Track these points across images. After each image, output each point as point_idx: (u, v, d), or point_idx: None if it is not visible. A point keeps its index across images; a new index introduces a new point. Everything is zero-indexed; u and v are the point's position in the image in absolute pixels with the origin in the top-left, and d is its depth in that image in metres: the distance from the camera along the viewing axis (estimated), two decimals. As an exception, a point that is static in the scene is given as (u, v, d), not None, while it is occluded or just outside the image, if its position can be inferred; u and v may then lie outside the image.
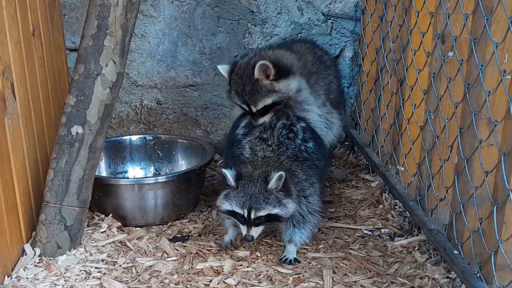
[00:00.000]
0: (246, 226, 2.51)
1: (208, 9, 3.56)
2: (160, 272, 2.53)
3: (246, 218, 2.49)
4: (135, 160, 3.36)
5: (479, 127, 2.16)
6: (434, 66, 2.55)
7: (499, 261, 2.06)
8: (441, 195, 2.54)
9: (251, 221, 2.49)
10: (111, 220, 2.89)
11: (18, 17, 2.49)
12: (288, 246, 2.65)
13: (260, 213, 2.49)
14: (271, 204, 2.49)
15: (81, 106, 2.51)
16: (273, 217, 2.53)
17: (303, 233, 2.65)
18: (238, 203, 2.50)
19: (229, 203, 2.53)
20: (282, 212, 2.52)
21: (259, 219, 2.50)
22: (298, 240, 2.65)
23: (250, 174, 2.53)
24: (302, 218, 2.63)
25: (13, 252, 2.44)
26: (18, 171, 2.44)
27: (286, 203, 2.52)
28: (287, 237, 2.65)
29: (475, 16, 2.19)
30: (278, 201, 2.50)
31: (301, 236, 2.65)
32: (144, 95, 3.70)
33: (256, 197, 2.49)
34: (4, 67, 2.32)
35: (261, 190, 2.49)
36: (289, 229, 2.64)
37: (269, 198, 2.49)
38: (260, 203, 2.48)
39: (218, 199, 2.59)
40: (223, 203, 2.56)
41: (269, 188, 2.48)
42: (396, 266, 2.56)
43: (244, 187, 2.50)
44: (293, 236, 2.64)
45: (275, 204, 2.50)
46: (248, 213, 2.48)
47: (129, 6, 2.48)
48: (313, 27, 3.64)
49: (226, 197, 2.55)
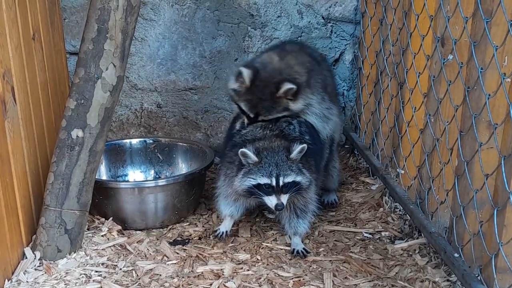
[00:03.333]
0: (275, 195, 2.54)
1: (208, 12, 3.56)
2: (160, 275, 2.52)
3: (275, 186, 2.53)
4: (136, 164, 3.37)
5: (479, 130, 2.17)
6: (434, 69, 2.55)
7: (500, 264, 2.06)
8: (441, 198, 2.54)
9: (279, 188, 2.54)
10: (111, 223, 2.89)
11: (19, 20, 2.49)
12: (294, 239, 2.75)
13: (287, 179, 2.54)
14: (295, 172, 2.56)
15: (81, 110, 2.52)
16: (296, 186, 2.58)
17: (305, 223, 2.75)
18: (264, 174, 2.53)
19: (253, 177, 2.55)
20: (303, 180, 2.59)
21: (286, 186, 2.55)
22: (302, 231, 2.76)
23: (269, 146, 2.59)
24: (304, 208, 2.72)
25: (13, 255, 2.44)
26: (18, 175, 2.44)
27: (305, 173, 2.60)
28: (292, 229, 2.75)
29: (475, 19, 2.19)
30: (300, 170, 2.58)
31: (304, 227, 2.75)
32: (144, 98, 3.71)
33: (281, 165, 2.54)
34: (5, 71, 2.32)
35: (284, 159, 2.55)
36: (293, 221, 2.73)
37: (292, 166, 2.56)
38: (286, 170, 2.54)
39: (236, 180, 2.60)
40: (244, 181, 2.57)
41: (292, 158, 2.55)
42: (396, 269, 2.56)
43: (267, 158, 2.55)
44: (298, 228, 2.74)
45: (298, 172, 2.57)
46: (277, 180, 2.52)
47: (129, 9, 2.48)
48: (313, 30, 3.64)
49: (246, 175, 2.57)
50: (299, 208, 2.72)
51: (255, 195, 2.58)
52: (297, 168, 2.57)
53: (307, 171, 2.61)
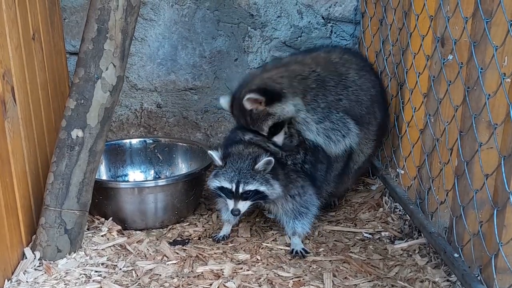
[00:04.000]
0: (233, 200, 2.59)
1: (208, 12, 3.56)
2: (160, 275, 2.52)
3: (234, 192, 2.57)
4: (135, 164, 3.37)
5: (479, 130, 2.17)
6: (434, 69, 2.56)
7: (500, 264, 2.06)
8: (441, 198, 2.54)
9: (238, 194, 2.57)
10: (111, 223, 2.89)
11: (19, 20, 2.49)
12: (293, 239, 2.75)
13: (248, 187, 2.57)
14: (259, 181, 2.58)
15: (81, 110, 2.52)
16: (260, 194, 2.60)
17: (305, 224, 2.75)
18: (227, 178, 2.59)
19: (218, 180, 2.62)
20: (268, 191, 2.60)
21: (247, 193, 2.57)
22: (301, 232, 2.75)
23: (240, 152, 2.63)
24: (302, 210, 2.73)
25: (13, 255, 2.44)
26: (18, 175, 2.44)
27: (273, 184, 2.60)
28: (291, 230, 2.76)
29: (475, 19, 2.19)
30: (266, 180, 2.59)
31: (303, 227, 2.75)
32: (144, 98, 3.71)
33: (244, 173, 2.58)
34: (4, 71, 2.32)
35: (249, 167, 2.58)
36: (291, 222, 2.74)
37: (256, 176, 2.58)
38: (248, 178, 2.57)
39: (208, 180, 2.70)
40: (212, 181, 2.65)
41: (256, 168, 2.57)
42: (396, 269, 2.55)
43: (232, 164, 2.60)
44: (296, 228, 2.74)
45: (262, 182, 2.58)
46: (237, 186, 2.57)
47: (129, 9, 2.48)
48: (312, 30, 3.64)
49: (215, 176, 2.64)
50: (296, 211, 2.72)
51: (222, 197, 2.65)
52: (261, 178, 2.58)
53: (276, 182, 2.60)
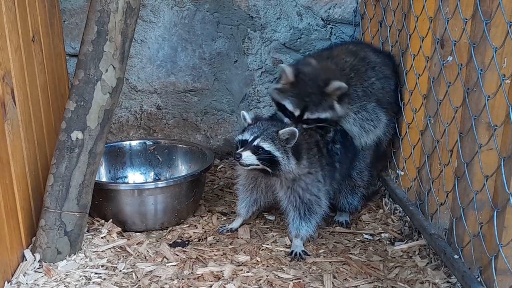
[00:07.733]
0: (244, 148, 2.60)
1: (208, 14, 3.56)
2: (160, 277, 2.52)
3: (248, 142, 2.61)
4: (135, 165, 3.37)
5: (479, 132, 2.17)
6: (434, 71, 2.56)
7: (500, 266, 2.06)
8: (441, 200, 2.54)
9: (250, 145, 2.59)
10: (111, 225, 2.89)
11: (18, 23, 2.50)
12: (294, 241, 2.74)
13: (261, 143, 2.59)
14: (275, 146, 2.59)
15: (81, 112, 2.52)
16: (270, 156, 2.59)
17: (309, 226, 2.73)
18: (248, 133, 2.64)
19: (242, 134, 2.67)
20: (283, 160, 2.60)
21: (257, 148, 2.59)
22: (304, 234, 2.74)
23: (270, 122, 2.72)
24: (309, 209, 2.72)
25: (13, 257, 2.44)
26: (18, 177, 2.44)
27: (290, 157, 2.61)
28: (294, 231, 2.74)
29: (474, 20, 2.19)
30: (283, 148, 2.60)
31: (307, 230, 2.73)
32: (144, 100, 3.71)
33: (265, 133, 2.62)
34: (4, 73, 2.32)
35: (272, 131, 2.63)
36: (296, 222, 2.73)
37: (275, 140, 2.60)
38: (266, 137, 2.61)
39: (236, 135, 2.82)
40: (236, 135, 2.75)
41: (279, 133, 2.60)
42: (396, 270, 2.55)
43: (258, 124, 2.68)
44: (300, 230, 2.73)
45: (279, 148, 2.60)
46: (253, 139, 2.61)
47: (129, 11, 2.48)
48: (312, 32, 3.64)
49: (241, 133, 2.71)
50: (305, 208, 2.71)
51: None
52: (280, 144, 2.59)
53: (293, 158, 2.61)
